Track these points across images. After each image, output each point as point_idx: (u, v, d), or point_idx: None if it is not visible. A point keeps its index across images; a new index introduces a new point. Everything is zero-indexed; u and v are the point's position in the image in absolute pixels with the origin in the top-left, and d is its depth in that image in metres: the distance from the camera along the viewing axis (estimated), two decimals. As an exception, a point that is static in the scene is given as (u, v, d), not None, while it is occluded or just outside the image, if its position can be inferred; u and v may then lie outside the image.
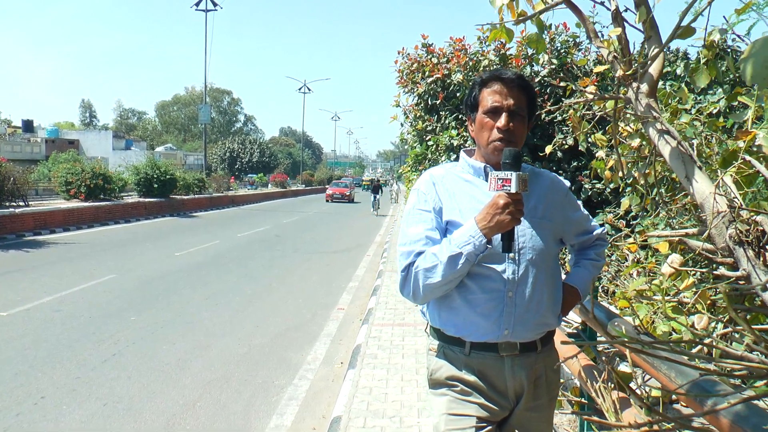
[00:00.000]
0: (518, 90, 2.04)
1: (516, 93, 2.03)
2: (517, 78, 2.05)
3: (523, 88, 2.05)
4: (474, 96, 2.10)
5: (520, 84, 2.05)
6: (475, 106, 2.09)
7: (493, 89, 2.04)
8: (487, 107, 2.03)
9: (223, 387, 5.59)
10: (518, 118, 2.03)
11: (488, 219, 1.86)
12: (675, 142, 2.34)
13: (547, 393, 2.08)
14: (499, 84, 2.04)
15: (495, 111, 2.02)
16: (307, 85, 70.70)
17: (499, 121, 2.01)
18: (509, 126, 2.00)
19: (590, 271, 2.22)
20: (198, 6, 39.98)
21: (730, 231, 2.05)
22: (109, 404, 5.08)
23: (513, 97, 2.02)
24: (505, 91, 2.03)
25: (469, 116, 2.15)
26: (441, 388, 2.06)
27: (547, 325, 2.06)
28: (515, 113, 2.02)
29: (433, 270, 1.93)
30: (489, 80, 2.06)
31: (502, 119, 2.00)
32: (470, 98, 2.13)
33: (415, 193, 2.12)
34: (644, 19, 2.52)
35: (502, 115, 2.01)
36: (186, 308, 8.67)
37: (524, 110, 2.05)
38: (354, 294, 10.28)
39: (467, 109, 2.16)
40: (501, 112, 2.01)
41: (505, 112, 2.01)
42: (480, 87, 2.09)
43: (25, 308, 8.26)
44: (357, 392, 5.08)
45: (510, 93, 2.03)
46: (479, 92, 2.08)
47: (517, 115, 2.03)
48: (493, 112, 2.03)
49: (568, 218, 2.17)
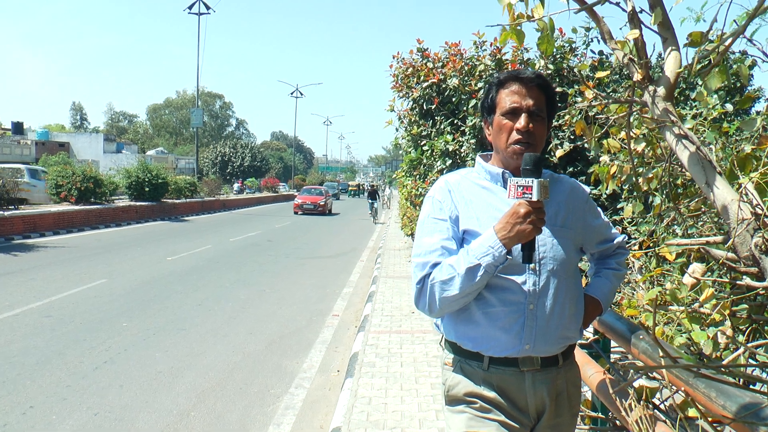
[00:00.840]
0: (537, 90, 1.95)
1: (535, 93, 1.95)
2: (536, 77, 1.96)
3: (542, 88, 1.96)
4: (491, 97, 2.01)
5: (539, 83, 1.96)
6: (493, 108, 2.00)
7: (512, 89, 1.95)
8: (505, 108, 1.95)
9: (218, 396, 5.47)
10: (538, 119, 1.94)
11: (508, 229, 1.77)
12: (694, 147, 2.27)
13: (569, 409, 1.99)
14: (518, 84, 1.95)
15: (514, 112, 1.93)
16: (299, 89, 70.54)
17: (519, 122, 1.92)
18: (529, 127, 1.91)
19: (612, 282, 2.13)
20: (191, 9, 39.80)
21: (756, 239, 1.97)
22: (100, 414, 4.95)
23: (532, 97, 1.94)
24: (524, 91, 1.94)
25: (486, 119, 2.06)
26: (459, 404, 1.96)
27: (569, 338, 1.97)
28: (535, 114, 1.93)
29: (450, 282, 1.83)
30: (507, 80, 1.98)
31: (522, 120, 1.91)
32: (487, 100, 2.03)
33: (429, 200, 2.03)
34: (659, 20, 2.45)
35: (521, 116, 1.92)
36: (178, 314, 8.54)
37: (544, 111, 1.97)
38: (349, 300, 10.17)
39: (483, 112, 2.07)
40: (520, 113, 1.93)
41: (524, 113, 1.92)
42: (497, 88, 2.00)
43: (14, 313, 8.10)
44: (356, 402, 4.97)
45: (529, 93, 1.94)
46: (496, 93, 1.99)
47: (537, 116, 1.94)
48: (511, 114, 1.94)
49: (588, 226, 2.08)
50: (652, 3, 2.45)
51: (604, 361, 2.63)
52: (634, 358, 2.21)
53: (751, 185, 2.19)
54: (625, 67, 2.50)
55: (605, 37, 2.54)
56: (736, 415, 1.29)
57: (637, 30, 2.38)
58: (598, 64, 8.04)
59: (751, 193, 2.14)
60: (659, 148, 3.72)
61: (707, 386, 1.46)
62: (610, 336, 2.44)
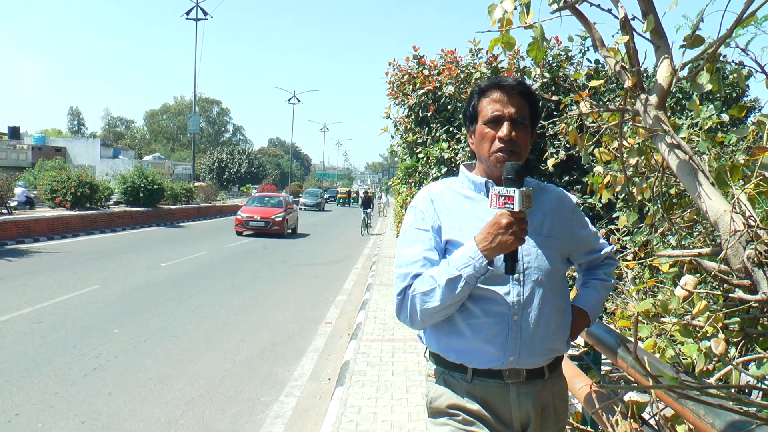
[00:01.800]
0: (519, 97, 1.92)
1: (517, 100, 1.91)
2: (518, 84, 1.92)
3: (524, 95, 1.93)
4: (473, 106, 1.98)
5: (521, 91, 1.92)
6: (475, 116, 1.97)
7: (493, 98, 1.92)
8: (487, 117, 1.91)
9: (207, 404, 5.41)
10: (521, 127, 1.90)
11: (489, 239, 1.73)
12: (686, 156, 2.23)
13: (555, 423, 1.93)
14: (499, 92, 1.91)
15: (496, 120, 1.89)
16: (296, 95, 70.47)
17: (501, 130, 1.88)
18: (512, 135, 1.87)
19: (600, 292, 2.09)
20: (188, 15, 39.80)
21: (749, 251, 1.93)
22: (87, 422, 4.89)
23: (514, 105, 1.90)
24: (506, 99, 1.90)
25: (469, 128, 2.02)
26: (441, 417, 1.92)
27: (555, 350, 1.92)
28: (517, 122, 1.89)
29: (431, 294, 1.79)
30: (488, 88, 1.94)
31: (504, 128, 1.87)
32: (469, 108, 2.00)
33: (412, 211, 1.99)
34: (652, 27, 2.42)
35: (503, 124, 1.88)
36: (170, 321, 8.47)
37: (527, 119, 1.93)
38: (342, 308, 10.11)
39: (466, 121, 2.04)
40: (502, 121, 1.89)
41: (506, 121, 1.88)
42: (479, 96, 1.96)
43: (3, 319, 8.02)
44: (345, 411, 4.91)
45: (511, 101, 1.90)
46: (478, 101, 1.95)
47: (520, 123, 1.90)
48: (493, 122, 1.90)
49: (575, 236, 2.04)
50: (644, 10, 2.42)
51: (594, 373, 2.59)
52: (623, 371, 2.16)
53: (744, 196, 2.15)
54: (618, 74, 2.47)
55: (597, 44, 2.51)
56: (725, 434, 1.25)
57: (627, 35, 2.35)
58: (594, 72, 8.03)
59: (743, 204, 2.10)
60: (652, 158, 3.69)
61: (695, 404, 1.42)
62: (599, 349, 2.39)
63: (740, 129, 3.25)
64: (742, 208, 2.06)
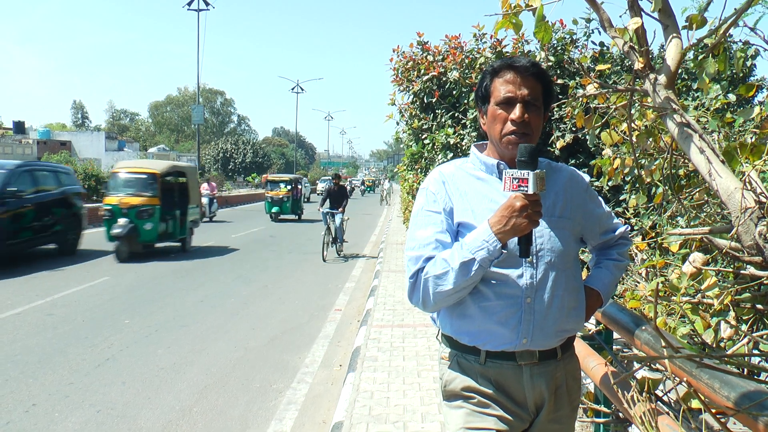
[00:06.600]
0: (533, 78, 1.89)
1: (531, 82, 1.89)
2: (532, 65, 1.90)
3: (538, 77, 1.90)
4: (485, 86, 1.96)
5: (534, 72, 1.90)
6: (487, 97, 1.95)
7: (506, 78, 1.89)
8: (499, 98, 1.89)
9: (220, 392, 5.46)
10: (533, 108, 1.89)
11: (503, 222, 1.73)
12: (696, 135, 2.23)
13: (569, 403, 1.95)
14: (512, 73, 1.89)
15: (508, 102, 1.88)
16: (300, 84, 70.25)
17: (513, 112, 1.87)
18: (524, 117, 1.86)
19: (613, 273, 2.09)
20: (190, 6, 39.68)
21: (760, 228, 1.94)
22: (102, 411, 4.94)
23: (527, 86, 1.88)
24: (519, 81, 1.88)
25: (480, 109, 2.01)
26: (456, 400, 1.93)
27: (568, 331, 1.93)
28: (530, 104, 1.88)
29: (444, 277, 1.79)
30: (501, 69, 1.92)
31: (517, 110, 1.86)
32: (481, 89, 1.98)
33: (423, 192, 1.98)
34: (660, 7, 2.42)
35: (516, 106, 1.87)
36: (180, 311, 8.53)
37: (540, 100, 1.91)
38: (351, 295, 10.15)
39: (478, 101, 2.02)
40: (515, 102, 1.87)
41: (519, 103, 1.86)
42: (491, 77, 1.94)
43: (16, 312, 8.10)
44: (358, 396, 4.96)
45: (524, 82, 1.88)
46: (491, 82, 1.93)
47: (533, 105, 1.88)
48: (506, 103, 1.88)
49: (588, 216, 2.04)
50: (652, -10, 2.41)
51: (607, 352, 2.61)
52: (637, 349, 2.18)
53: (755, 173, 2.15)
54: (626, 55, 2.47)
55: (605, 26, 2.50)
56: (740, 406, 1.27)
57: (639, 18, 2.34)
58: (599, 55, 8.00)
59: (755, 181, 2.10)
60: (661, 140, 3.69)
61: (711, 377, 1.43)
62: (613, 327, 2.41)
63: (746, 110, 3.24)
64: (753, 185, 2.06)
